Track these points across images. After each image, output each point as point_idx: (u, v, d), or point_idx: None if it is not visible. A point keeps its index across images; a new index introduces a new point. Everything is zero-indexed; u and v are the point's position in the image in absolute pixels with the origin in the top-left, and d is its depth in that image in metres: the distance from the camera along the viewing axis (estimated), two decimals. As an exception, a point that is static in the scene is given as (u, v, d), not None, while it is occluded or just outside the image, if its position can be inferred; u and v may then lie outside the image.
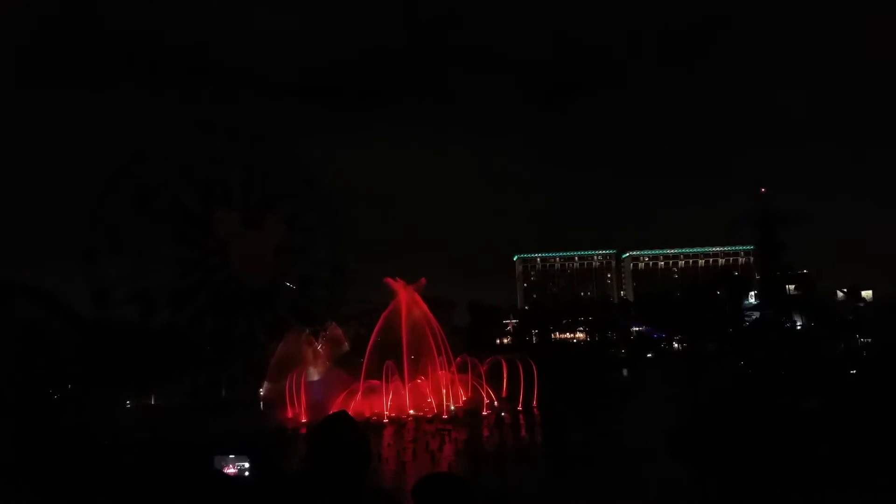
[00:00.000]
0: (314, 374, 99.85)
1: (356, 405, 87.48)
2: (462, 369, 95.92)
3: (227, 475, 16.26)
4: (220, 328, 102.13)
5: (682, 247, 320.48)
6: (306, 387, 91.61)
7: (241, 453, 16.85)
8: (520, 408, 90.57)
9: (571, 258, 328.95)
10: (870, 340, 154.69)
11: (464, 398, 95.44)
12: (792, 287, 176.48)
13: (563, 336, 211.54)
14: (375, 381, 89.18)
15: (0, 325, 79.37)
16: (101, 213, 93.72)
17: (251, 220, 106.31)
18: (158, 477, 14.44)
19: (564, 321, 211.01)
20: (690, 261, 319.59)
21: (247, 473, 15.96)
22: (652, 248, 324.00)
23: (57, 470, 26.15)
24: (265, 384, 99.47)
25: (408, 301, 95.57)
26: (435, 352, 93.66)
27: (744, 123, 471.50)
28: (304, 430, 79.19)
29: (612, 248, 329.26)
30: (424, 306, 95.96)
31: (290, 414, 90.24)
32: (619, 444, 61.48)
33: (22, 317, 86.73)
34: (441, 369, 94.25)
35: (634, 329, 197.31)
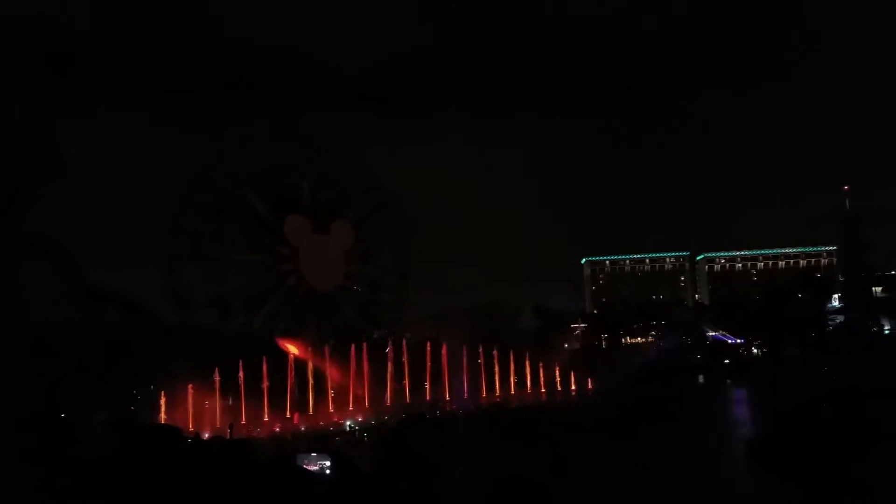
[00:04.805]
0: None
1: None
2: None
3: (308, 472, 16.70)
4: (291, 331, 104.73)
5: (760, 248, 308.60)
6: None
7: (323, 452, 17.21)
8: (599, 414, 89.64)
9: (642, 260, 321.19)
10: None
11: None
12: (878, 289, 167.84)
13: (633, 340, 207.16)
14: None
15: (89, 331, 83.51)
16: (180, 220, 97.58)
17: (320, 227, 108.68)
18: (242, 474, 14.85)
19: (635, 325, 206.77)
20: (770, 262, 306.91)
21: (327, 472, 16.35)
22: (728, 250, 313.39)
23: (145, 467, 27.37)
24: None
25: None
26: None
27: (826, 115, 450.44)
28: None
29: (686, 250, 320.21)
30: None
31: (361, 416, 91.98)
32: (696, 452, 59.72)
33: (108, 321, 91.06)
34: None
35: (710, 334, 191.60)
